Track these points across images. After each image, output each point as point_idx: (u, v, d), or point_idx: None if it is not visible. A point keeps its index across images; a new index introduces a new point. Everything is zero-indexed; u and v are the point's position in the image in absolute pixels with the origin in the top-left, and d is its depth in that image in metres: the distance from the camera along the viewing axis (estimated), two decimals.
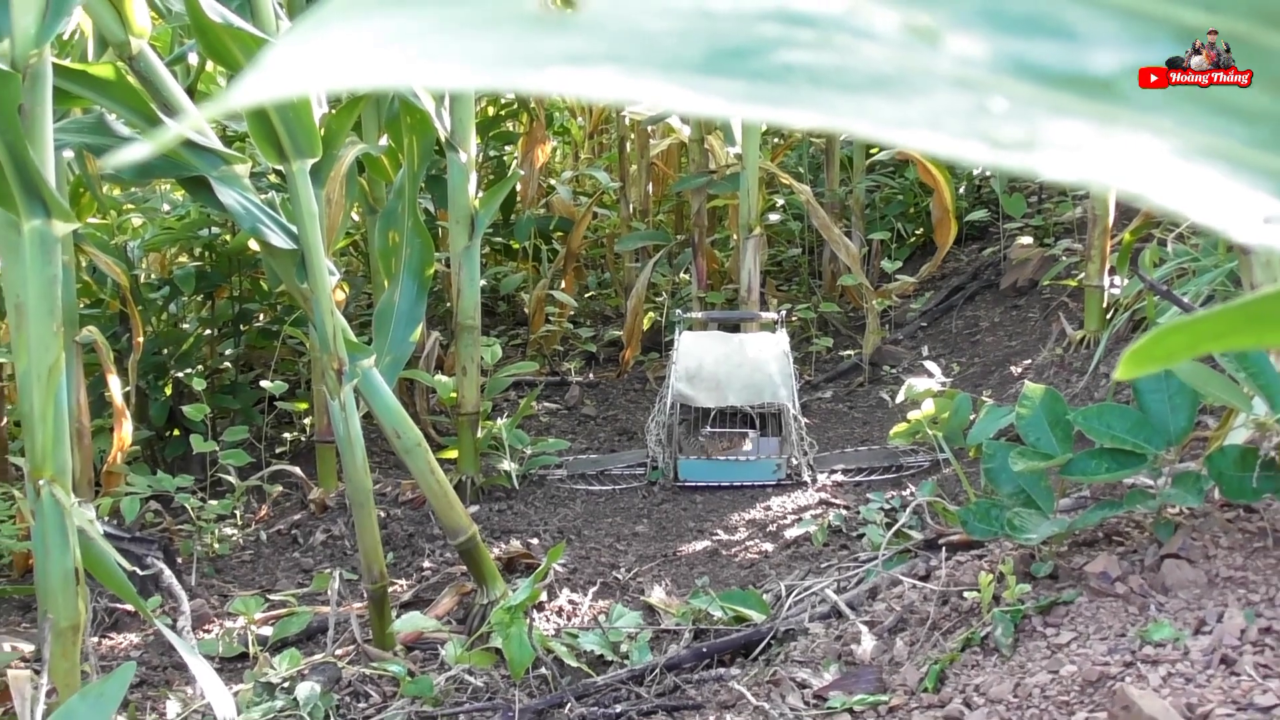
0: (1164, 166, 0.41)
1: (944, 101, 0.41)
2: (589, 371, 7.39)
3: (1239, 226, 0.41)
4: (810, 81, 0.41)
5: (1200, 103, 0.43)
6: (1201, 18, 0.44)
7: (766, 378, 5.58)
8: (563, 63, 0.40)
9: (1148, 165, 0.41)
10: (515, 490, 5.49)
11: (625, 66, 0.40)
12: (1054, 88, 0.42)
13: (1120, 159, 0.41)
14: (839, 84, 0.41)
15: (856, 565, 4.23)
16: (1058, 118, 0.42)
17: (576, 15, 0.41)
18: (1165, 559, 3.20)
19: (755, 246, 6.37)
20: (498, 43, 0.40)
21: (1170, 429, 3.30)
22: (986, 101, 0.42)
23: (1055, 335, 6.11)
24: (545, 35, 0.41)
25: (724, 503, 5.31)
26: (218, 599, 4.56)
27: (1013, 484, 3.55)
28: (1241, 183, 0.42)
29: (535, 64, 0.40)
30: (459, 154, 5.07)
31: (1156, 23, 0.44)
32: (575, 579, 4.55)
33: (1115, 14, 0.44)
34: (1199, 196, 0.41)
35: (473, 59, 0.40)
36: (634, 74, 0.40)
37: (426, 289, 4.55)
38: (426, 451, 4.07)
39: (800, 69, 0.41)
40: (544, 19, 0.41)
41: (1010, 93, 0.42)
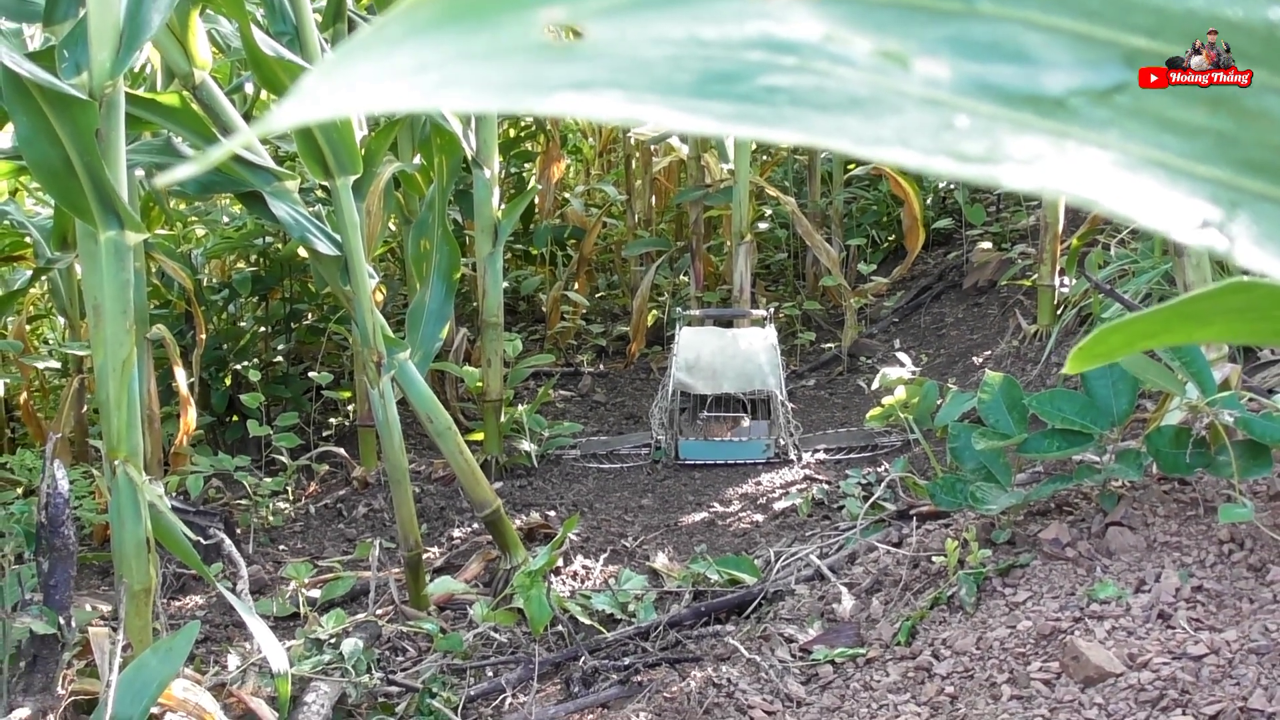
0: (1111, 176, 0.41)
1: (913, 120, 0.41)
2: (599, 363, 7.38)
3: (1177, 229, 0.40)
4: (792, 103, 0.41)
5: (1143, 119, 0.43)
6: (1144, 43, 0.44)
7: (757, 368, 5.58)
8: (569, 88, 0.40)
9: (1096, 175, 0.41)
10: (534, 468, 5.48)
11: (626, 91, 0.40)
12: (1013, 106, 0.42)
13: (1072, 170, 0.41)
14: (818, 104, 0.40)
15: (837, 534, 4.22)
16: (1017, 133, 0.41)
17: (581, 45, 0.41)
18: (1109, 526, 3.21)
19: (746, 252, 6.36)
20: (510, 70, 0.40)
21: (1114, 411, 3.31)
22: (952, 119, 0.41)
23: (1012, 329, 6.10)
24: (553, 63, 0.40)
25: (719, 479, 5.30)
26: (272, 565, 4.56)
27: (975, 461, 3.55)
28: (1180, 190, 0.41)
29: (544, 89, 0.40)
30: (484, 171, 5.06)
31: (1105, 46, 0.44)
32: (588, 547, 4.55)
33: (1068, 39, 0.44)
34: (1142, 203, 0.40)
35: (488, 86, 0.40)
36: (634, 98, 0.40)
37: (454, 290, 4.54)
38: (456, 434, 4.07)
39: (783, 91, 0.41)
40: (552, 48, 0.41)
41: (973, 111, 0.42)
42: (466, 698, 3.43)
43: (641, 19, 0.42)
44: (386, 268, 7.12)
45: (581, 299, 7.48)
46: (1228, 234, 0.41)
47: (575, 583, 4.21)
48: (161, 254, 4.96)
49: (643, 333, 7.17)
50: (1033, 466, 3.94)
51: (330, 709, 3.26)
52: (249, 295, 5.98)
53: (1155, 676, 2.55)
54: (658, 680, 3.39)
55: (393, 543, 4.54)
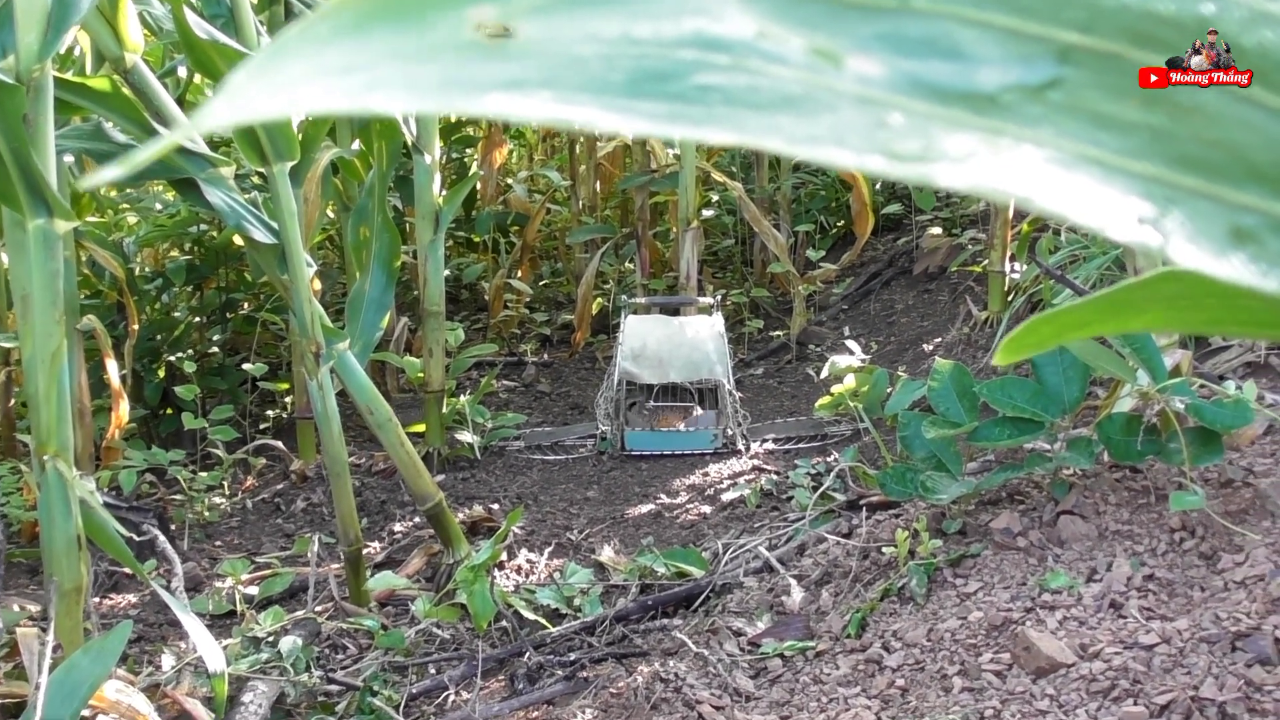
0: (1044, 174, 0.41)
1: (847, 118, 0.41)
2: (544, 352, 7.37)
3: (1112, 227, 0.41)
4: (725, 102, 0.41)
5: (1077, 115, 0.43)
6: (1078, 38, 0.44)
7: (704, 356, 5.59)
8: (500, 89, 0.40)
9: (1030, 173, 0.41)
10: (477, 460, 5.48)
11: (557, 91, 0.40)
12: (946, 104, 0.42)
13: (1006, 168, 0.41)
14: (751, 103, 0.41)
15: (786, 525, 4.24)
16: (950, 131, 0.42)
17: (512, 43, 0.41)
18: (1061, 515, 3.23)
19: (693, 238, 6.38)
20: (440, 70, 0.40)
21: (1065, 399, 3.33)
22: (886, 117, 0.42)
23: (962, 316, 6.14)
24: (483, 62, 0.40)
25: (666, 470, 5.31)
26: (208, 562, 4.54)
27: (925, 450, 3.57)
28: (1114, 187, 0.42)
29: (475, 90, 0.40)
30: (424, 156, 5.05)
31: (1038, 42, 0.44)
32: (532, 540, 4.55)
33: (1001, 35, 0.44)
34: (1076, 200, 0.41)
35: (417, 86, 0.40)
36: (565, 98, 0.40)
37: (395, 279, 4.53)
38: (397, 426, 4.06)
39: (716, 90, 0.41)
40: (482, 48, 0.41)
41: (907, 109, 0.42)
42: (408, 696, 3.43)
43: (574, 17, 0.42)
44: (325, 256, 7.08)
45: (525, 287, 7.47)
46: (1162, 231, 0.42)
47: (519, 577, 4.21)
48: (92, 242, 4.93)
49: (588, 321, 7.17)
50: (984, 455, 3.97)
51: (268, 709, 3.25)
52: (183, 285, 5.95)
53: (1107, 666, 2.57)
54: (604, 676, 3.40)
55: (332, 538, 4.53)
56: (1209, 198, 0.43)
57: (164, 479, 5.06)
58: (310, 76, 0.40)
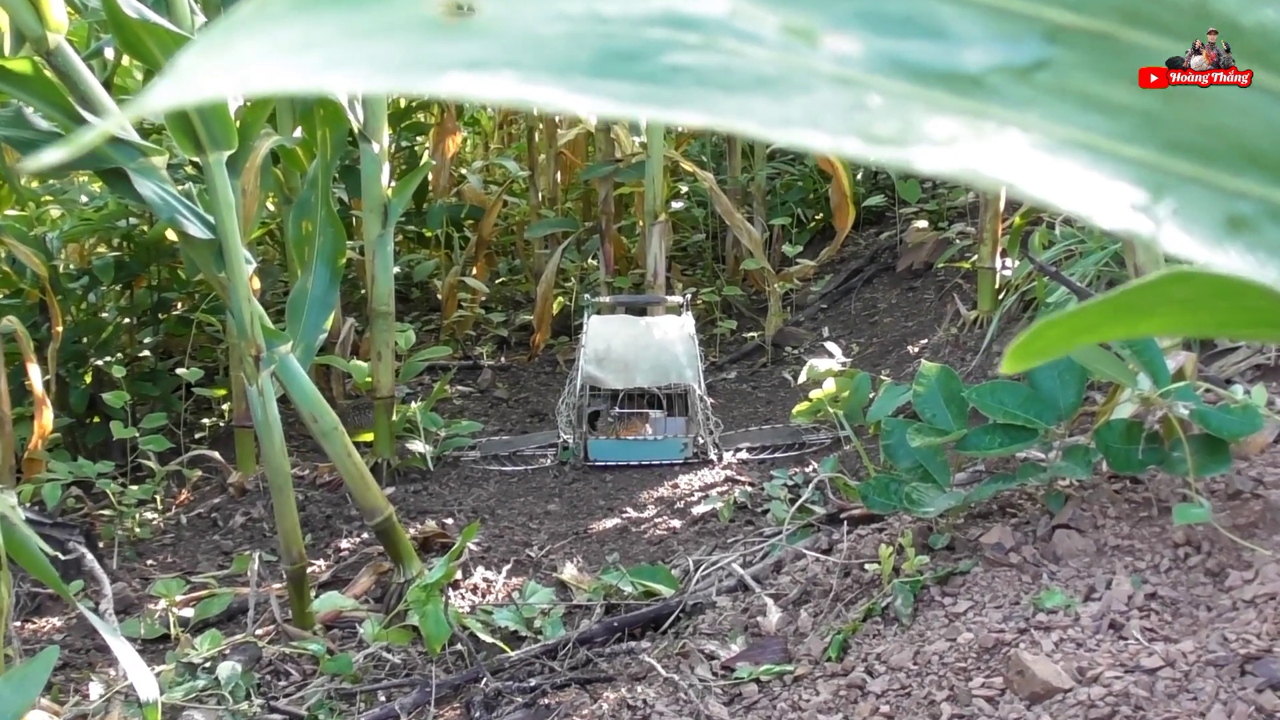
0: (1031, 159, 0.42)
1: (823, 99, 0.42)
2: (501, 355, 7.37)
3: (1101, 215, 0.42)
4: (696, 83, 0.42)
5: (1065, 97, 0.44)
6: (1068, 16, 0.45)
7: (673, 359, 5.60)
8: (461, 68, 0.40)
9: (1016, 158, 0.42)
10: (430, 472, 5.48)
11: (520, 71, 0.41)
12: (927, 85, 0.43)
13: (990, 153, 0.42)
14: (724, 85, 0.42)
15: (761, 540, 4.24)
16: (931, 113, 0.43)
17: (473, 21, 0.42)
18: (1056, 529, 3.23)
19: (661, 232, 6.39)
20: (399, 49, 0.41)
21: (1060, 404, 3.32)
22: (864, 99, 0.42)
23: (950, 316, 6.16)
24: (444, 41, 0.41)
25: (633, 481, 5.32)
26: (139, 582, 4.52)
27: (911, 459, 3.56)
28: (1104, 173, 0.43)
29: (435, 69, 0.40)
30: (372, 145, 5.05)
31: (1025, 20, 0.45)
32: (489, 557, 4.55)
33: (986, 13, 0.45)
34: (1064, 187, 0.42)
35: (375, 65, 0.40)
36: (528, 78, 0.41)
37: (340, 276, 4.53)
38: (343, 434, 4.06)
39: (687, 71, 0.42)
40: (442, 25, 0.41)
41: (886, 90, 0.43)
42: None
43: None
44: (265, 252, 7.08)
45: (480, 285, 7.46)
46: (1154, 218, 0.42)
47: (476, 597, 4.21)
48: (12, 237, 4.91)
49: (548, 322, 7.17)
50: (973, 465, 3.98)
51: None
52: (111, 283, 5.92)
53: (1106, 691, 2.58)
54: (567, 703, 3.40)
55: (274, 555, 4.52)
56: (1204, 184, 0.44)
57: (91, 493, 5.04)
58: (265, 55, 0.40)
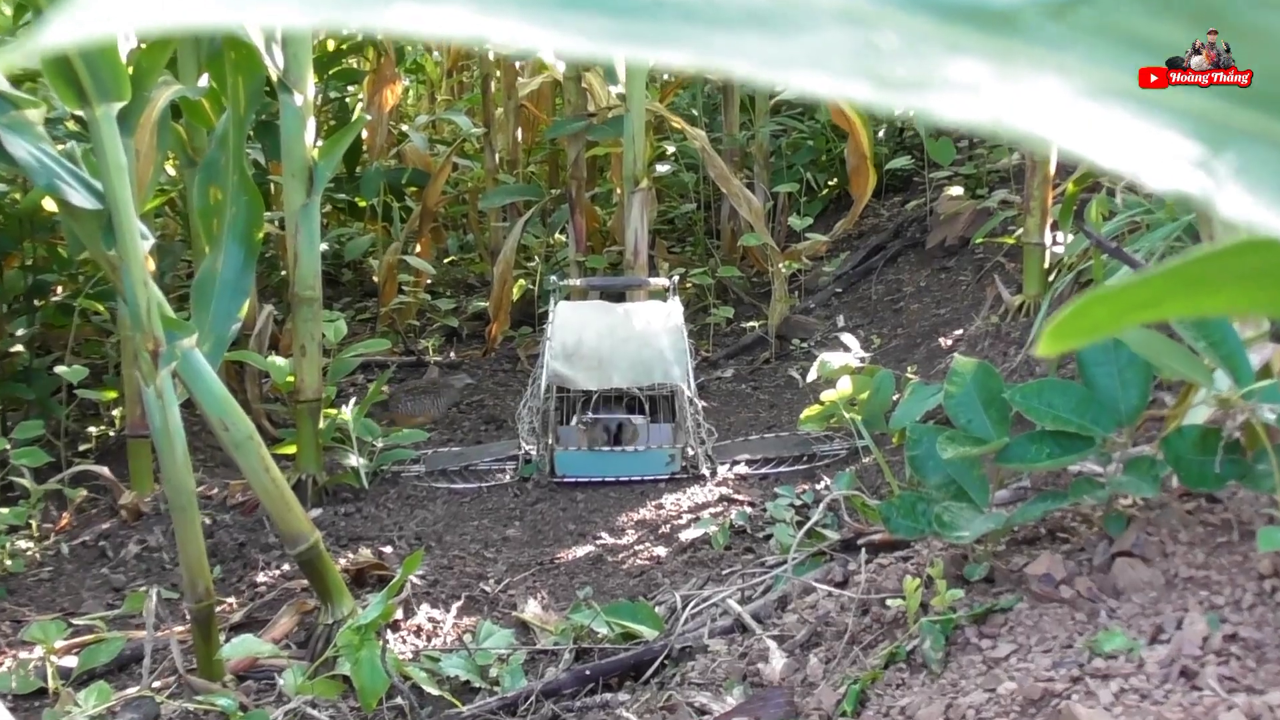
0: (1068, 107, 0.43)
1: (829, 38, 0.43)
2: (450, 350, 7.38)
3: (1149, 171, 0.43)
4: (682, 17, 0.43)
5: (1110, 37, 0.45)
6: None
7: (657, 354, 5.60)
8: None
9: (1051, 106, 0.43)
10: (364, 490, 5.49)
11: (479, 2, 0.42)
12: (949, 21, 0.44)
13: (1021, 100, 0.43)
14: (713, 20, 0.43)
15: (763, 571, 4.26)
16: (954, 55, 0.44)
17: None
18: (1117, 557, 3.23)
19: (642, 202, 6.39)
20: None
21: (1121, 408, 3.31)
22: (875, 37, 0.43)
23: (990, 301, 6.17)
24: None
25: (609, 501, 5.33)
26: (9, 625, 4.52)
27: (942, 474, 3.55)
28: (1153, 124, 0.44)
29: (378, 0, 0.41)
30: (294, 96, 5.05)
31: None
32: (436, 592, 4.56)
33: None
34: (1106, 140, 0.43)
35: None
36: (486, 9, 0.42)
37: (256, 255, 4.53)
38: (259, 446, 4.06)
39: (671, 4, 0.43)
40: None
41: (902, 27, 0.44)
42: None
43: None
44: (164, 225, 7.07)
45: (426, 266, 7.46)
46: (1212, 176, 0.44)
47: (419, 640, 4.22)
48: None
49: (506, 310, 7.18)
50: (1017, 481, 3.99)
51: None
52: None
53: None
54: None
55: (175, 591, 4.53)
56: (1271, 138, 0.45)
57: None
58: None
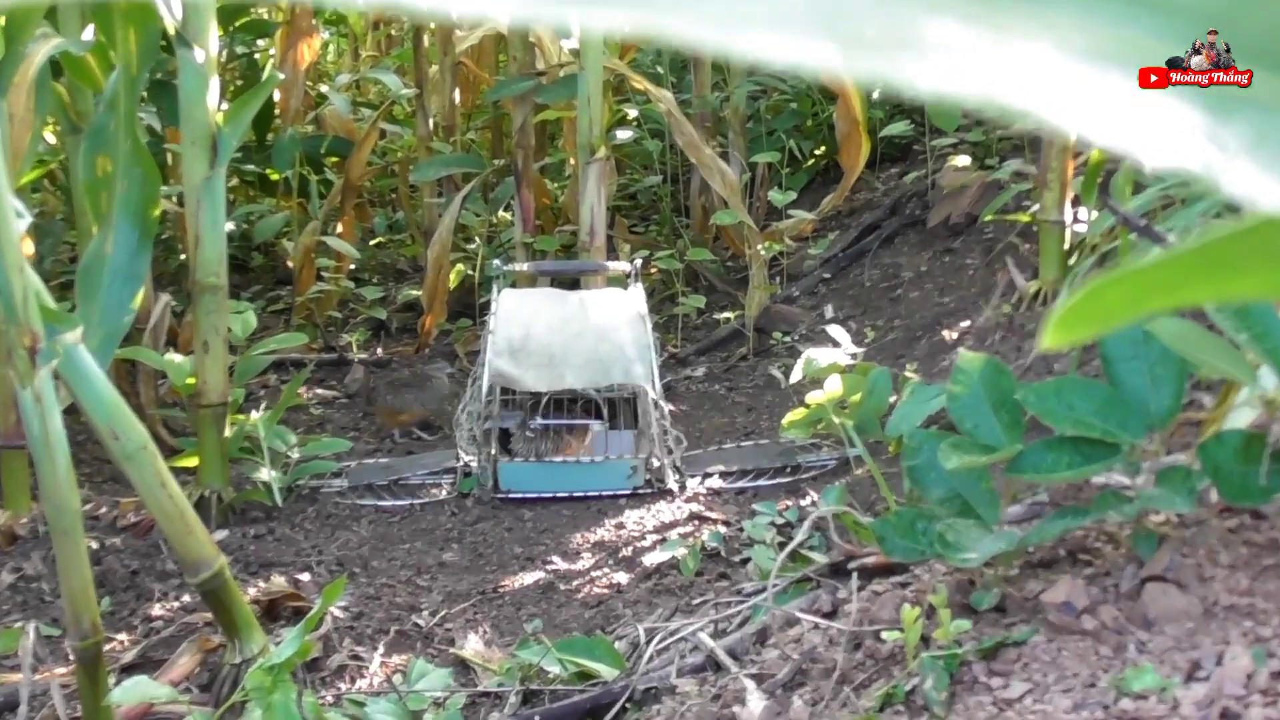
0: (1057, 71, 0.44)
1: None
2: (377, 346, 7.39)
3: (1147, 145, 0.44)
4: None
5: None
6: None
7: (616, 350, 5.60)
8: None
9: (1039, 69, 0.44)
10: (277, 508, 5.48)
11: None
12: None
13: (1006, 63, 0.44)
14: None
15: (740, 600, 4.27)
16: (933, 12, 0.44)
17: None
18: (1147, 583, 3.23)
19: (599, 174, 6.39)
20: None
21: (1151, 409, 3.28)
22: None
23: (1001, 288, 6.18)
24: None
25: (562, 520, 5.34)
26: None
27: (945, 487, 3.54)
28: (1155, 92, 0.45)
29: None
30: (194, 51, 5.04)
31: None
32: (361, 626, 4.56)
33: None
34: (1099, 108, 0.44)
35: None
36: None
37: (151, 236, 4.52)
38: (155, 458, 4.06)
39: None
40: None
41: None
42: None
43: None
44: (43, 201, 7.06)
45: (349, 249, 7.45)
46: (1220, 148, 0.45)
47: (342, 682, 4.23)
48: None
49: (442, 299, 7.18)
50: (1032, 495, 4.00)
51: None
52: None
53: None
54: None
55: (57, 627, 4.53)
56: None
57: None
58: None
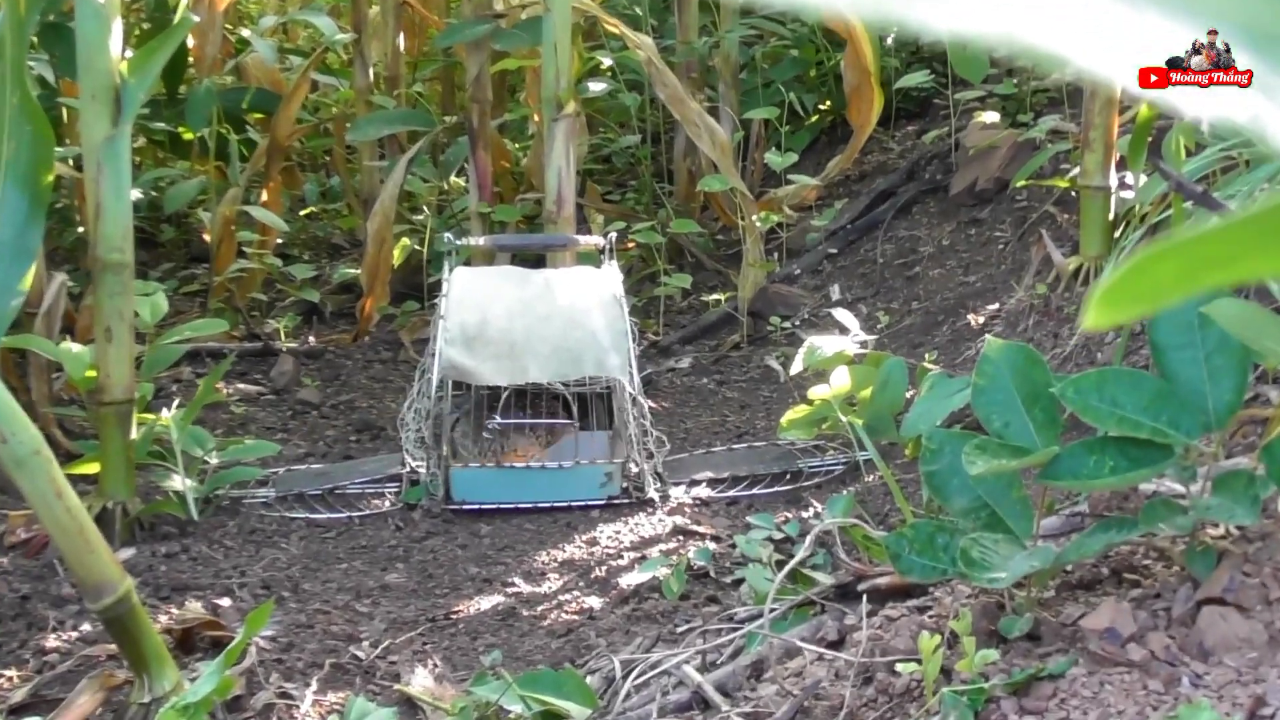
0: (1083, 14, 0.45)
1: None
2: (308, 333, 7.38)
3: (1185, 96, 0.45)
4: None
5: None
6: None
7: (588, 338, 5.58)
8: None
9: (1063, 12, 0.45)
10: (193, 522, 5.47)
11: None
12: None
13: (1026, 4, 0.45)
14: None
15: (731, 627, 4.27)
16: None
17: None
18: (1203, 606, 3.23)
19: (568, 133, 6.38)
20: None
21: (1209, 405, 3.24)
22: None
23: (1036, 265, 6.17)
24: None
25: (524, 535, 5.33)
26: None
27: (970, 496, 3.51)
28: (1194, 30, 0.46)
29: None
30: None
31: None
32: (291, 659, 4.55)
33: None
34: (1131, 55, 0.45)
35: None
36: None
37: (45, 205, 4.51)
38: (49, 464, 4.06)
39: None
40: None
41: None
42: None
43: None
44: None
45: (276, 220, 7.43)
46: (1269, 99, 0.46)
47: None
48: None
49: (385, 279, 7.17)
50: (1071, 504, 4.00)
51: None
52: None
53: None
54: None
55: None
56: None
57: None
58: None
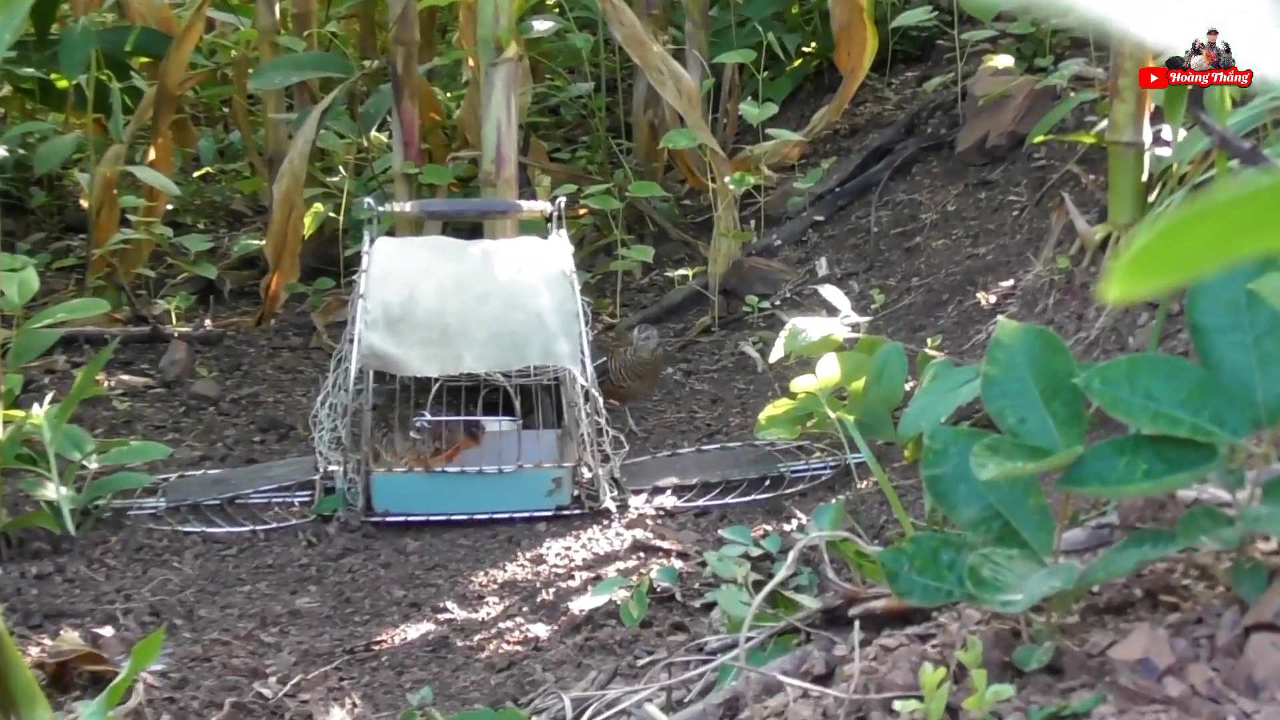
0: None
1: None
2: (204, 315, 7.37)
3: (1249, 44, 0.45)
4: None
5: None
6: None
7: (533, 321, 5.56)
8: None
9: None
10: (70, 538, 5.46)
11: None
12: None
13: None
14: None
15: (702, 659, 4.27)
16: None
17: None
18: (1252, 633, 3.22)
19: (509, 80, 6.37)
20: None
21: (1258, 399, 3.18)
22: None
23: (1057, 234, 6.16)
24: None
25: (459, 552, 5.33)
26: None
27: (980, 504, 3.48)
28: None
29: None
30: None
31: None
32: (185, 698, 4.55)
33: None
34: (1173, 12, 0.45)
35: None
36: None
37: None
38: None
39: None
40: None
41: None
42: None
43: None
44: None
45: (166, 183, 7.41)
46: None
47: None
48: None
49: (294, 251, 7.16)
50: (1098, 514, 4.00)
51: None
52: None
53: None
54: None
55: None
56: None
57: None
58: None
